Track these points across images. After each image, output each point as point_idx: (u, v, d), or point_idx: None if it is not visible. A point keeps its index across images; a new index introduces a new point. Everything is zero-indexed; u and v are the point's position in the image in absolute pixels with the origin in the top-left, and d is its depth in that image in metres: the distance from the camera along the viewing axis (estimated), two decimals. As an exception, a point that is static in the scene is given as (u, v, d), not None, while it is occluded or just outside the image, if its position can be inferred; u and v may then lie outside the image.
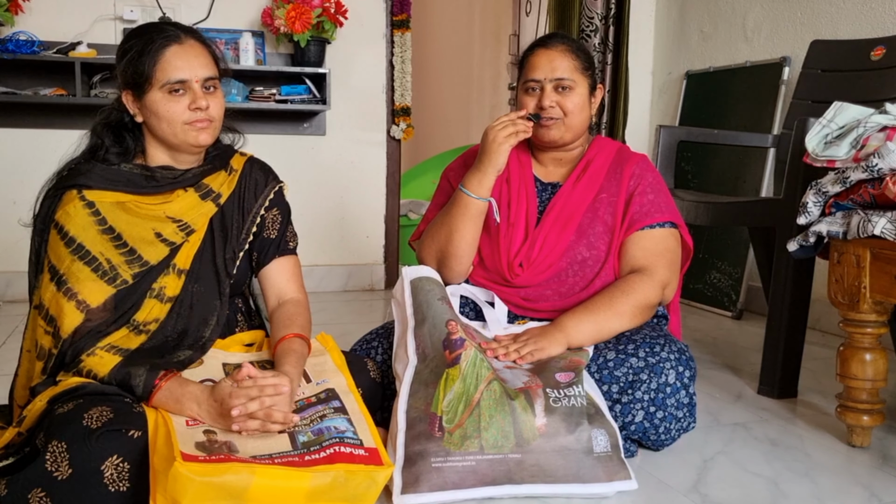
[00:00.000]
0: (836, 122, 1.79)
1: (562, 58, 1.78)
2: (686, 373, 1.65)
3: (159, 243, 1.52)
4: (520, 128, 1.74)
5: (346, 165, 3.81)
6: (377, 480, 1.35)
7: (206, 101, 1.52)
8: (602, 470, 1.45)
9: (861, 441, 1.77)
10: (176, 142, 1.54)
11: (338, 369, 1.57)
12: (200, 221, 1.57)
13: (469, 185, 1.77)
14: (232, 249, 1.60)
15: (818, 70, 2.90)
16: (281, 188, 1.71)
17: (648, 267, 1.74)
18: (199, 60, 1.53)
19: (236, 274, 1.62)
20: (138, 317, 1.48)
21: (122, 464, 1.27)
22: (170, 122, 1.51)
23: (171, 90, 1.50)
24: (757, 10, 3.46)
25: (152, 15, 3.33)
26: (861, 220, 1.65)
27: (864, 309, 1.71)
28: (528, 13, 4.62)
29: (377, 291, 3.86)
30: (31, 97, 3.22)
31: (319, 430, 1.38)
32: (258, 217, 1.65)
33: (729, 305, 3.35)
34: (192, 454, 1.26)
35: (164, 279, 1.52)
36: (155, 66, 1.48)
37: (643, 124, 4.14)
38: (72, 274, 1.45)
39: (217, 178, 1.63)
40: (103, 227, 1.49)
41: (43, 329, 1.46)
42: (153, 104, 1.50)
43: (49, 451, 1.26)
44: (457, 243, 1.78)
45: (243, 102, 3.45)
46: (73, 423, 1.28)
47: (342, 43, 3.66)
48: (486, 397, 1.47)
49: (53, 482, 1.25)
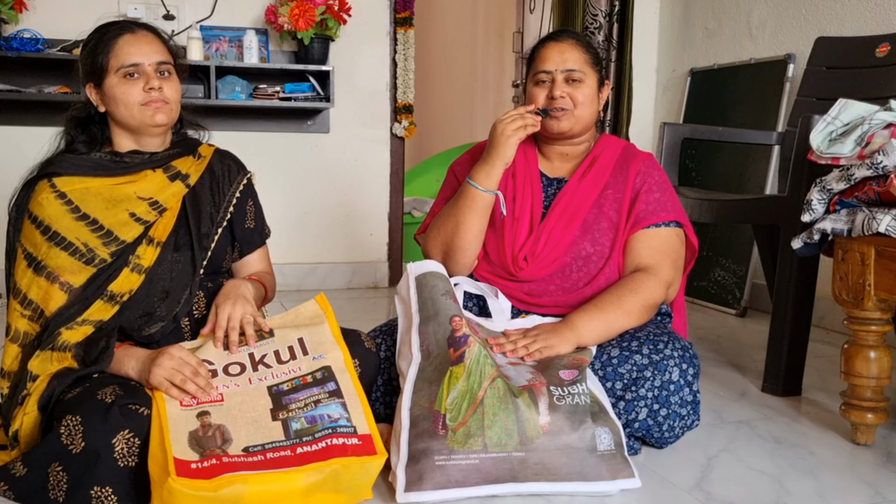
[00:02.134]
0: (840, 119, 1.79)
1: (572, 50, 1.81)
2: (690, 370, 1.65)
3: (133, 222, 1.57)
4: (528, 121, 1.75)
5: (349, 163, 3.81)
6: (371, 470, 1.37)
7: (158, 83, 1.58)
8: (606, 468, 1.45)
9: (865, 439, 1.77)
10: (135, 124, 1.60)
11: (335, 342, 1.58)
12: (172, 200, 1.63)
13: (476, 177, 1.77)
14: (207, 225, 1.66)
15: (823, 67, 2.90)
16: (251, 177, 1.79)
17: (654, 266, 1.74)
18: (152, 47, 1.61)
19: (215, 248, 1.66)
20: (113, 287, 1.53)
21: (132, 439, 1.31)
22: (127, 105, 1.57)
23: (126, 74, 1.57)
24: (761, 7, 3.45)
25: (156, 12, 3.33)
26: (866, 217, 1.65)
27: (868, 306, 1.70)
28: (531, 10, 4.62)
29: (381, 289, 3.87)
30: (36, 95, 3.22)
31: (313, 418, 1.40)
32: (234, 199, 1.72)
33: (733, 303, 3.35)
34: (185, 459, 1.28)
35: (139, 250, 1.57)
36: (110, 54, 1.57)
37: (647, 122, 4.14)
38: (50, 259, 1.51)
39: (185, 161, 1.69)
40: (77, 215, 1.54)
41: (19, 312, 1.52)
42: (110, 89, 1.58)
43: (63, 426, 1.31)
44: (463, 235, 1.79)
45: (247, 100, 3.45)
46: (89, 400, 1.34)
47: (346, 40, 3.66)
48: (489, 395, 1.47)
49: (69, 456, 1.30)
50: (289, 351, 1.54)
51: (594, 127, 1.91)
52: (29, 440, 1.44)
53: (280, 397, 1.45)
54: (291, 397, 1.44)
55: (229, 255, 1.74)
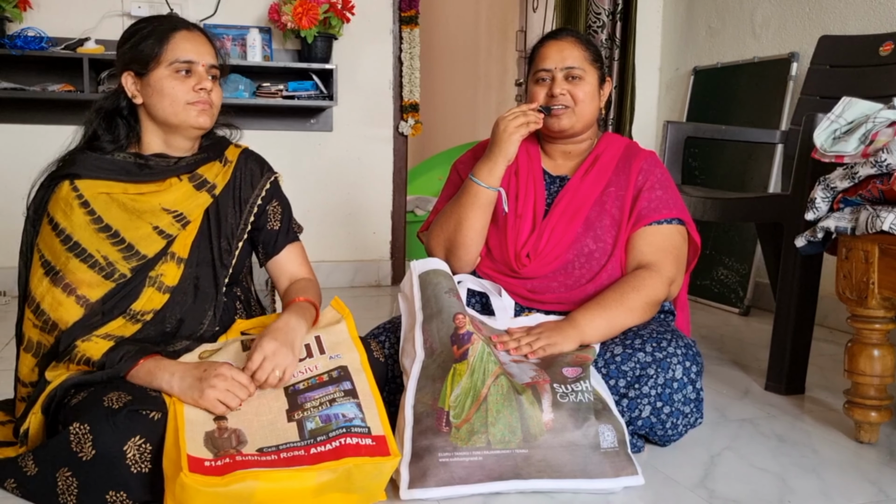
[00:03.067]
0: (844, 117, 1.79)
1: (571, 48, 1.81)
2: (693, 368, 1.65)
3: (156, 236, 1.54)
4: (531, 119, 1.76)
5: (352, 161, 3.81)
6: (384, 471, 1.36)
7: (210, 84, 1.56)
8: (609, 465, 1.45)
9: (869, 437, 1.77)
10: (176, 122, 1.55)
11: (352, 342, 1.57)
12: (196, 213, 1.59)
13: (479, 174, 1.78)
14: (227, 240, 1.62)
15: (826, 66, 2.89)
16: (276, 179, 1.73)
17: (656, 263, 1.74)
18: (207, 48, 1.58)
19: (234, 264, 1.63)
20: (135, 306, 1.50)
21: (144, 444, 1.30)
22: (173, 101, 1.53)
23: (178, 69, 1.53)
24: (765, 6, 3.45)
25: (160, 10, 3.33)
26: (869, 215, 1.65)
27: (872, 305, 1.70)
28: (535, 9, 4.61)
29: (384, 287, 3.87)
30: (40, 93, 3.22)
31: (328, 418, 1.39)
32: (255, 207, 1.67)
33: (736, 301, 3.34)
34: (198, 457, 1.27)
35: (161, 267, 1.53)
36: (164, 45, 1.53)
37: (650, 120, 4.13)
38: (69, 271, 1.47)
39: (212, 168, 1.64)
40: (99, 226, 1.50)
41: (31, 322, 1.48)
42: (158, 81, 1.53)
43: (72, 433, 1.29)
44: (465, 232, 1.79)
45: (251, 98, 3.46)
46: (94, 406, 1.31)
47: (349, 39, 3.66)
48: (493, 392, 1.48)
49: (79, 462, 1.29)
50: (305, 349, 1.53)
51: (596, 125, 1.91)
52: (35, 440, 1.43)
53: (296, 396, 1.44)
54: (307, 395, 1.44)
55: (248, 265, 1.71)
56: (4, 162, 3.33)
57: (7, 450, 1.49)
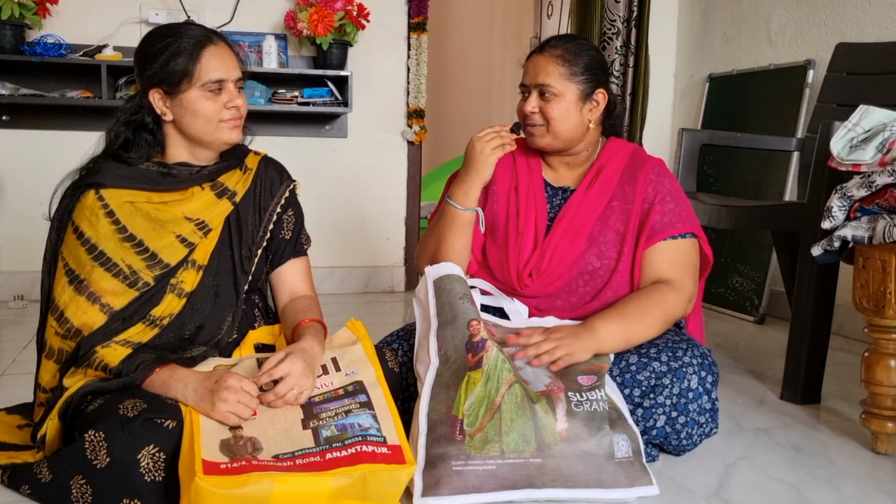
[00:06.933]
0: (861, 125, 1.78)
1: (547, 63, 1.75)
2: (709, 378, 1.64)
3: (179, 245, 1.55)
4: (506, 140, 1.75)
5: (366, 167, 3.82)
6: (400, 479, 1.35)
7: (240, 101, 1.57)
8: (623, 475, 1.45)
9: (886, 448, 1.76)
10: (209, 139, 1.56)
11: (368, 360, 1.58)
12: (217, 220, 1.60)
13: (455, 196, 1.77)
14: (248, 247, 1.63)
15: (843, 73, 2.87)
16: (294, 187, 1.73)
17: (676, 280, 1.71)
18: (233, 61, 1.58)
19: (254, 271, 1.64)
20: (155, 311, 1.51)
21: (158, 453, 1.30)
22: (207, 120, 1.54)
23: (210, 89, 1.53)
24: (781, 13, 3.44)
25: (177, 17, 3.36)
26: (887, 224, 1.64)
27: (889, 314, 1.69)
28: (549, 15, 4.62)
29: (397, 293, 3.87)
30: (58, 99, 3.26)
31: (343, 427, 1.39)
32: (274, 215, 1.67)
33: (751, 310, 3.33)
34: (213, 461, 1.27)
35: (182, 274, 1.55)
36: (196, 65, 1.52)
37: (665, 127, 4.12)
38: (94, 280, 1.48)
39: (232, 176, 1.65)
40: (124, 236, 1.51)
41: (54, 330, 1.49)
42: (191, 102, 1.53)
43: (87, 441, 1.30)
44: (445, 253, 1.78)
45: (266, 105, 3.48)
46: (109, 414, 1.32)
47: (364, 45, 3.67)
48: (507, 401, 1.47)
49: (93, 470, 1.29)
50: (322, 368, 1.54)
51: (595, 134, 1.83)
52: (52, 446, 1.45)
53: (311, 408, 1.44)
54: (322, 407, 1.44)
55: (267, 273, 1.71)
56: (23, 167, 3.37)
57: (25, 454, 1.50)
